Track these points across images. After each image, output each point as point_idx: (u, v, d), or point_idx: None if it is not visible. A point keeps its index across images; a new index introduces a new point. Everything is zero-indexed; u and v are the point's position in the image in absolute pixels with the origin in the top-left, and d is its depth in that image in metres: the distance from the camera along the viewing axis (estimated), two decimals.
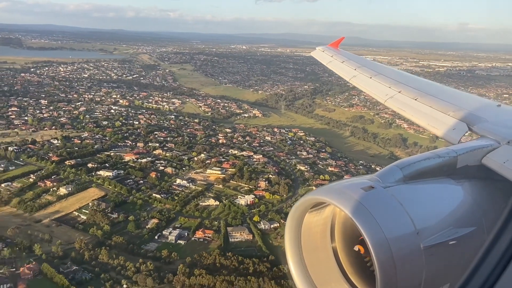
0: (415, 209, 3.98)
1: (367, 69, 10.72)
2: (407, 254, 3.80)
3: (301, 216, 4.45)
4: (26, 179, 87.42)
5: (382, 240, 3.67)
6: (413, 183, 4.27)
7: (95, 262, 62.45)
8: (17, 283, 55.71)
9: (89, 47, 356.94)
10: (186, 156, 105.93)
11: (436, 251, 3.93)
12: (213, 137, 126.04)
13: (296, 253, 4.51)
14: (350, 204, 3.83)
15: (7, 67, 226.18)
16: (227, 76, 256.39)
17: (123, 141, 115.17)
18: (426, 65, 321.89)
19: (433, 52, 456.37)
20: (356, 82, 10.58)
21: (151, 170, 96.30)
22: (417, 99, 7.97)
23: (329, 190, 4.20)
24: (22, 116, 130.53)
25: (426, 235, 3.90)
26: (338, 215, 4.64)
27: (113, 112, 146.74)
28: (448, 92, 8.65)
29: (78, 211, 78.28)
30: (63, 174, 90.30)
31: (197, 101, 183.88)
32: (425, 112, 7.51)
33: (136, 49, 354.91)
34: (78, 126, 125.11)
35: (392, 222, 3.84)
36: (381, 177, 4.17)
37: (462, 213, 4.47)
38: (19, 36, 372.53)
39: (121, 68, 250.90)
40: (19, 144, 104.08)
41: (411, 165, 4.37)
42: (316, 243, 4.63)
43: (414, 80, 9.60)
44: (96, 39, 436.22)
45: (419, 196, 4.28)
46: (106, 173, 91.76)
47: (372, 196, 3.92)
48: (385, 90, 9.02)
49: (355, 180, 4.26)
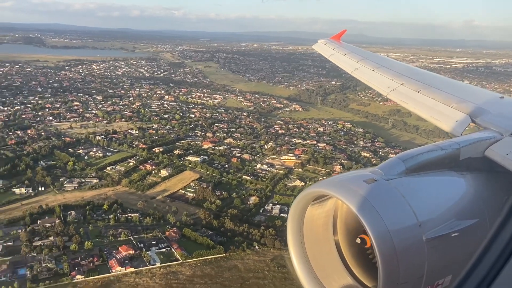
0: (417, 202, 4.07)
1: (369, 61, 10.81)
2: (410, 246, 3.89)
3: (304, 208, 4.56)
4: (126, 163, 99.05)
5: (385, 233, 3.76)
6: (415, 175, 4.36)
7: (223, 228, 74.21)
8: (170, 243, 67.35)
9: (109, 46, 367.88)
10: (256, 144, 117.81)
11: (438, 243, 4.02)
12: (271, 128, 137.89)
13: (298, 245, 4.62)
14: (352, 197, 3.93)
15: (41, 65, 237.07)
16: (253, 73, 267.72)
17: (192, 132, 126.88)
18: (442, 61, 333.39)
19: (442, 49, 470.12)
20: (358, 74, 10.66)
21: (230, 156, 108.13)
22: (419, 91, 8.00)
23: (331, 183, 4.34)
24: (88, 110, 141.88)
25: (429, 227, 3.99)
26: (340, 208, 4.74)
27: (167, 107, 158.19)
28: (451, 84, 8.71)
29: (184, 190, 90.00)
30: (157, 159, 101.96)
31: (237, 96, 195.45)
32: (428, 104, 7.55)
33: (155, 47, 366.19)
34: (144, 119, 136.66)
35: (395, 215, 3.93)
36: (384, 169, 4.28)
37: (465, 205, 4.55)
38: (38, 34, 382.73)
39: (150, 66, 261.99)
40: (104, 134, 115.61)
41: (414, 158, 4.48)
42: (318, 235, 4.73)
43: (417, 72, 9.71)
44: (110, 37, 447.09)
45: (421, 189, 4.37)
46: (194, 158, 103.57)
47: (374, 188, 4.00)
48: (387, 83, 9.09)
49: (357, 173, 4.39)
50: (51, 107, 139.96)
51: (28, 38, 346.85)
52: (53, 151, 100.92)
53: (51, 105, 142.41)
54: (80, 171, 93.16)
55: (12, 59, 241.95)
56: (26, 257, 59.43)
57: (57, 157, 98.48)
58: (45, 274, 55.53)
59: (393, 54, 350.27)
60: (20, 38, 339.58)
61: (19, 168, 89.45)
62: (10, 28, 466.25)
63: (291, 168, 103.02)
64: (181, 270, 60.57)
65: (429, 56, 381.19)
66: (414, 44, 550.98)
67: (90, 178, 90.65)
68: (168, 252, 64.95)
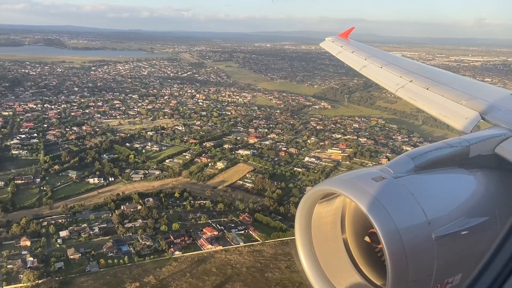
0: (426, 200, 4.09)
1: (377, 58, 10.84)
2: (419, 244, 3.90)
3: (311, 207, 4.60)
4: (182, 157, 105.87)
5: (393, 231, 3.77)
6: (424, 173, 4.39)
7: (290, 214, 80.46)
8: (247, 226, 73.80)
9: (126, 47, 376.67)
10: (299, 139, 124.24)
11: (448, 241, 4.01)
12: (307, 124, 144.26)
13: (306, 244, 4.66)
14: (360, 195, 3.95)
15: (68, 65, 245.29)
16: (274, 73, 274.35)
17: (234, 128, 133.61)
18: (458, 60, 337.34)
19: (456, 48, 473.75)
20: (366, 72, 10.72)
21: (277, 150, 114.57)
22: (428, 88, 8.08)
23: (339, 180, 4.35)
24: (130, 108, 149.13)
25: (438, 225, 4.00)
26: (348, 206, 4.78)
27: (202, 105, 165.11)
28: (460, 81, 8.78)
29: (241, 180, 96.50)
30: (210, 152, 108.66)
31: (264, 95, 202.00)
32: (437, 101, 7.59)
33: (172, 48, 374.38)
34: (186, 116, 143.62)
35: (404, 213, 3.94)
36: (392, 167, 4.29)
37: (475, 203, 4.54)
38: (56, 36, 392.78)
39: (173, 66, 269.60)
40: (154, 130, 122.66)
41: (423, 155, 4.50)
42: (326, 234, 4.78)
43: (426, 69, 9.82)
44: (124, 39, 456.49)
45: (430, 186, 4.39)
46: (245, 152, 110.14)
47: (383, 186, 4.02)
48: (396, 80, 9.16)
49: (366, 171, 4.43)
50: (94, 105, 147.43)
51: (48, 40, 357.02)
52: (112, 145, 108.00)
53: (94, 103, 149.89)
54: (141, 164, 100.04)
55: (40, 60, 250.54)
56: (124, 236, 66.24)
57: (117, 151, 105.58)
58: (147, 251, 62.26)
59: (407, 53, 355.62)
60: (40, 40, 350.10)
61: (87, 160, 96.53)
62: (22, 30, 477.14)
63: (339, 161, 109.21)
64: (263, 249, 66.98)
65: (443, 54, 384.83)
66: (425, 43, 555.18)
67: (152, 170, 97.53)
68: (247, 234, 71.43)
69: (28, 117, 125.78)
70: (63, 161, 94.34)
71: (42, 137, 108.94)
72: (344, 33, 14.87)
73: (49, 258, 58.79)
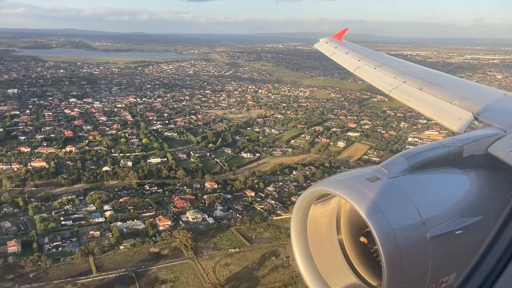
0: (421, 199, 4.20)
1: (371, 59, 11.25)
2: (414, 244, 4.03)
3: (307, 208, 4.71)
4: (303, 137, 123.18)
5: (389, 231, 3.89)
6: (419, 173, 4.50)
7: None
8: None
9: (149, 49, 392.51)
10: (392, 125, 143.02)
11: (442, 240, 4.15)
12: (384, 113, 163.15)
13: (302, 245, 4.78)
14: (355, 195, 4.05)
15: (113, 67, 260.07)
16: (311, 70, 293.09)
17: (321, 116, 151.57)
18: (475, 58, 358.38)
19: (460, 47, 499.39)
20: (360, 73, 11.06)
21: (379, 133, 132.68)
22: (422, 89, 8.28)
23: (334, 181, 4.45)
24: (219, 101, 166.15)
25: (433, 225, 4.12)
26: (343, 207, 4.89)
27: (274, 98, 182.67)
28: (453, 81, 9.05)
29: (366, 155, 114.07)
30: (325, 134, 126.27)
31: (319, 90, 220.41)
32: (430, 101, 7.79)
33: (198, 49, 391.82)
34: (272, 107, 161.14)
35: (398, 213, 4.06)
36: (387, 167, 4.39)
37: (469, 203, 4.69)
38: (79, 40, 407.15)
39: (212, 66, 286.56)
40: (261, 118, 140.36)
41: (417, 155, 4.63)
42: (322, 234, 4.88)
43: (419, 70, 10.14)
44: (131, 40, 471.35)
45: (425, 186, 4.50)
46: (354, 134, 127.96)
47: (378, 187, 4.12)
48: (389, 81, 9.38)
49: (360, 171, 4.50)
50: (184, 99, 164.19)
51: (75, 43, 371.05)
52: (238, 130, 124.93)
53: (182, 97, 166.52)
54: (272, 143, 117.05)
55: (85, 61, 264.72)
56: None
57: (243, 134, 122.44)
58: None
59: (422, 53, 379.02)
60: (67, 43, 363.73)
61: (228, 140, 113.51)
62: (24, 34, 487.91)
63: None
64: None
65: (454, 53, 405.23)
66: (428, 43, 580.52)
67: (284, 148, 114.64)
68: None
69: (140, 108, 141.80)
70: (210, 141, 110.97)
71: (174, 124, 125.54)
72: (338, 34, 15.34)
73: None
